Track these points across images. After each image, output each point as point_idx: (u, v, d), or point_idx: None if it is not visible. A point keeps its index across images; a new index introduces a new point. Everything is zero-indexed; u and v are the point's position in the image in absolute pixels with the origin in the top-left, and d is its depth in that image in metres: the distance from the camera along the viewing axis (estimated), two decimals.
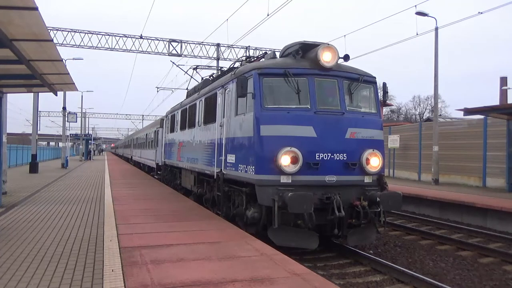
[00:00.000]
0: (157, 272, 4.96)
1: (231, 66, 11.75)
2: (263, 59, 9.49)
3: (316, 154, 7.51)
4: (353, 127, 7.87)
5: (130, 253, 5.85)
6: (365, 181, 7.91)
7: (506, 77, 42.29)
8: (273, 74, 7.86)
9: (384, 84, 8.92)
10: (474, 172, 18.63)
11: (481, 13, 17.16)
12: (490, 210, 12.24)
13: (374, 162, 7.89)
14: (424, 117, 60.84)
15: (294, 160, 7.31)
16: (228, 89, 9.10)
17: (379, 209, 7.72)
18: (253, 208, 7.78)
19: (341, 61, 8.41)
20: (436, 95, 21.49)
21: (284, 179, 7.34)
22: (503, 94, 40.15)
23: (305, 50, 8.26)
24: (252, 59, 10.65)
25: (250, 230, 7.87)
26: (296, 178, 7.39)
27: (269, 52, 9.52)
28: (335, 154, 7.64)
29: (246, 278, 4.79)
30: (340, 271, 7.54)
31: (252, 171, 7.55)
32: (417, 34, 20.10)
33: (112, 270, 5.02)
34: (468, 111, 16.08)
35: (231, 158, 8.62)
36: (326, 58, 7.87)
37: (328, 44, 8.02)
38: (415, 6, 18.82)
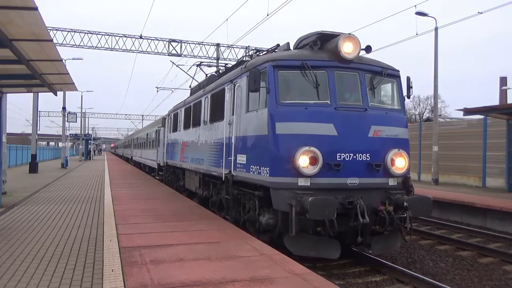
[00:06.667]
0: (156, 272, 4.96)
1: (240, 59, 11.12)
2: (276, 51, 8.72)
3: (337, 154, 6.91)
4: (376, 124, 7.26)
5: (130, 253, 5.85)
6: (390, 183, 7.30)
7: (505, 77, 42.32)
8: (289, 66, 7.22)
9: (408, 78, 8.20)
10: (474, 172, 18.63)
11: (481, 13, 17.19)
12: (490, 210, 12.24)
13: (400, 163, 7.30)
14: (424, 117, 60.78)
15: (313, 161, 6.72)
16: (237, 84, 8.48)
17: (405, 215, 7.09)
18: (268, 214, 7.21)
19: (362, 53, 7.71)
20: (436, 95, 21.51)
21: (302, 182, 6.74)
22: (503, 94, 40.18)
23: (323, 41, 7.62)
24: (262, 53, 9.78)
25: (263, 238, 7.33)
26: (315, 180, 6.78)
27: (283, 44, 8.65)
28: (357, 154, 7.02)
29: (246, 278, 4.79)
30: (340, 271, 7.52)
31: (266, 173, 6.94)
32: (417, 34, 20.12)
33: (112, 270, 5.02)
34: (468, 111, 16.09)
35: (241, 158, 8.02)
36: (347, 49, 7.22)
37: (350, 34, 7.38)
38: (415, 6, 18.86)
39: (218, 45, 27.12)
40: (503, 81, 41.87)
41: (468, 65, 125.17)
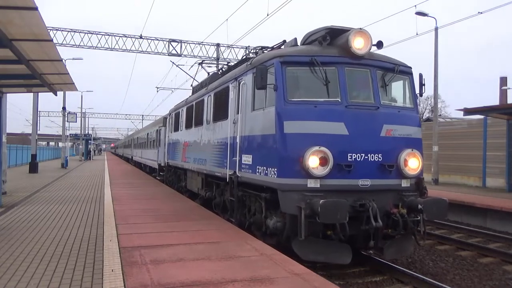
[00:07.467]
0: (156, 272, 4.96)
1: (244, 56, 10.83)
2: (283, 47, 8.43)
3: (348, 154, 6.63)
4: (388, 123, 6.98)
5: (130, 253, 5.85)
6: (403, 185, 7.04)
7: (506, 77, 42.27)
8: (298, 62, 6.97)
9: (421, 75, 7.90)
10: (474, 172, 18.65)
11: (481, 13, 17.19)
12: (490, 210, 12.25)
13: (413, 163, 7.03)
14: (424, 117, 60.76)
15: (324, 162, 6.45)
16: (243, 82, 8.23)
17: (418, 218, 6.91)
18: (275, 217, 6.98)
19: (373, 49, 7.44)
20: (436, 95, 21.53)
21: (311, 183, 6.47)
22: (503, 94, 40.16)
23: (332, 36, 7.32)
24: (268, 49, 9.36)
25: (270, 241, 7.06)
26: (325, 182, 6.51)
27: (290, 40, 8.34)
28: (369, 155, 6.74)
29: (246, 278, 4.79)
30: (340, 271, 7.49)
31: (274, 174, 6.68)
32: (417, 34, 20.13)
33: (112, 270, 5.02)
34: (468, 111, 16.12)
35: (247, 159, 7.76)
36: (358, 44, 6.94)
37: (361, 28, 7.07)
38: (415, 6, 18.86)
39: (218, 45, 27.12)
40: (503, 81, 41.84)
41: (468, 65, 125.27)
